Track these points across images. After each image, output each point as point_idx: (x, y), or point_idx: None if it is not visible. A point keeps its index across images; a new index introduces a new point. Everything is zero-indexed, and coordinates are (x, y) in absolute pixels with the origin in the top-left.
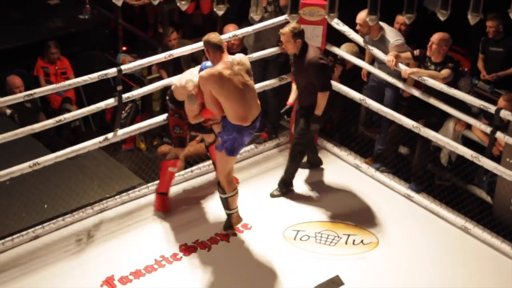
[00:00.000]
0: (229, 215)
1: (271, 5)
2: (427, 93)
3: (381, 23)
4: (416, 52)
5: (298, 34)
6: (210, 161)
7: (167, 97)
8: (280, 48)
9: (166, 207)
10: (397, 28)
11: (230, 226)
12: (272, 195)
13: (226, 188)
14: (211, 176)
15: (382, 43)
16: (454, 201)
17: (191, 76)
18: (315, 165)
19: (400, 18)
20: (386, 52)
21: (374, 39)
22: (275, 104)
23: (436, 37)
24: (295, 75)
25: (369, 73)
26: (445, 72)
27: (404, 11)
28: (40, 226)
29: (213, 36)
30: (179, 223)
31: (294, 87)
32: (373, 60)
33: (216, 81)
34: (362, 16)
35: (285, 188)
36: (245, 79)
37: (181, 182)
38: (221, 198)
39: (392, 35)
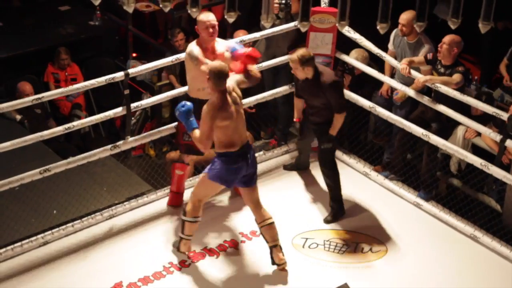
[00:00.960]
0: (180, 238)
1: (283, 12)
2: (436, 100)
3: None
4: (430, 55)
5: (306, 62)
6: None
7: None
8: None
9: (175, 203)
10: None
11: (178, 248)
12: (327, 221)
13: (189, 212)
14: None
15: (415, 47)
16: (463, 209)
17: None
18: (302, 168)
19: None
20: (413, 56)
21: (410, 41)
22: (285, 111)
23: (448, 38)
24: (306, 97)
25: (391, 89)
26: (457, 77)
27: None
28: (49, 232)
29: (224, 65)
30: None
31: (297, 104)
32: (393, 74)
33: (219, 113)
34: (407, 16)
35: (339, 211)
36: (239, 108)
37: (190, 188)
38: (181, 219)
39: (428, 41)
